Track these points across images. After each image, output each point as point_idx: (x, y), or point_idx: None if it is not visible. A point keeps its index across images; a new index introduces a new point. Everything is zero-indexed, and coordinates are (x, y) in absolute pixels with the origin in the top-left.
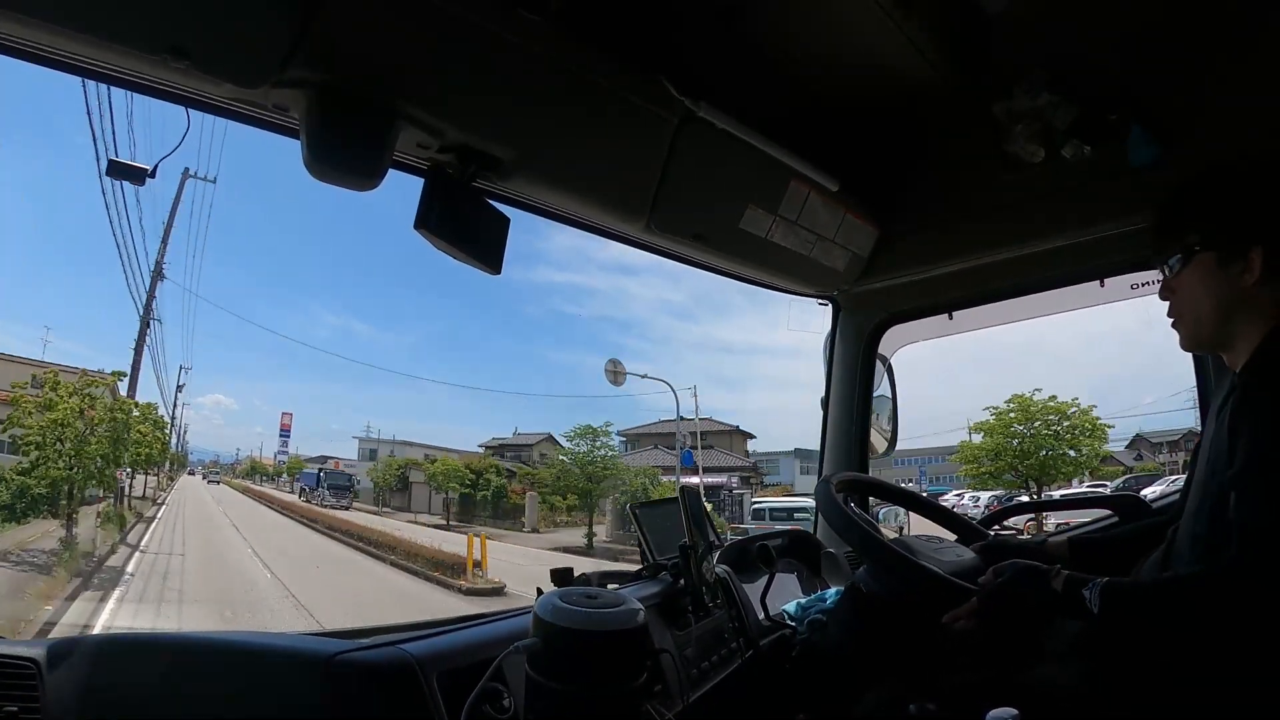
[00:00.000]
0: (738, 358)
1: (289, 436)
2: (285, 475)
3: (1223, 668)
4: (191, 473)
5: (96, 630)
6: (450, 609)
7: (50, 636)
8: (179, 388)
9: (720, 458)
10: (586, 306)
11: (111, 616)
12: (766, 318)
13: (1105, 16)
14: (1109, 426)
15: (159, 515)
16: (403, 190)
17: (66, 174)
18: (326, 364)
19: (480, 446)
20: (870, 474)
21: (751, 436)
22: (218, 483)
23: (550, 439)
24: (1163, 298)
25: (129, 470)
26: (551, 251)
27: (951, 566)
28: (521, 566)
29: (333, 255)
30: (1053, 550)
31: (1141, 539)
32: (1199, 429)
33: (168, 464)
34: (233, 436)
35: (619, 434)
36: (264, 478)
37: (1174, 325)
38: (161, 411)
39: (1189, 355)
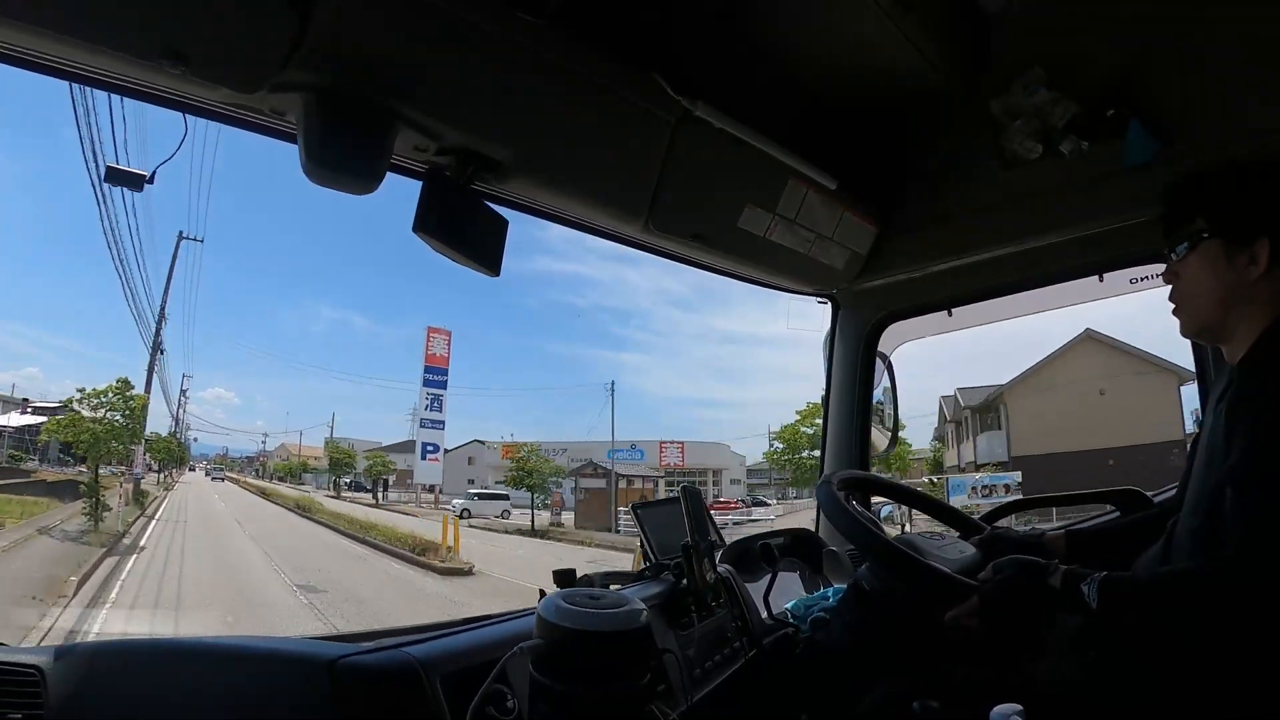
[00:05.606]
0: (739, 348)
1: (445, 378)
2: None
3: (1222, 662)
4: (192, 468)
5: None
6: None
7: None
8: (183, 393)
9: None
10: (586, 297)
11: None
12: (769, 310)
13: (1103, 14)
14: None
15: None
16: (402, 188)
17: (58, 170)
18: (325, 357)
19: None
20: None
21: None
22: (221, 479)
23: None
24: (1167, 281)
25: None
26: (550, 241)
27: (954, 563)
28: None
29: (333, 250)
30: (1051, 545)
31: (1139, 532)
32: None
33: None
34: (235, 429)
35: None
36: (398, 486)
37: (1175, 312)
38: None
39: (1188, 343)
